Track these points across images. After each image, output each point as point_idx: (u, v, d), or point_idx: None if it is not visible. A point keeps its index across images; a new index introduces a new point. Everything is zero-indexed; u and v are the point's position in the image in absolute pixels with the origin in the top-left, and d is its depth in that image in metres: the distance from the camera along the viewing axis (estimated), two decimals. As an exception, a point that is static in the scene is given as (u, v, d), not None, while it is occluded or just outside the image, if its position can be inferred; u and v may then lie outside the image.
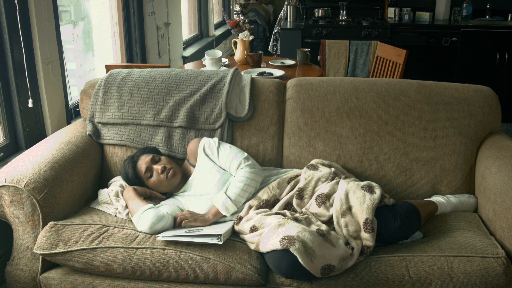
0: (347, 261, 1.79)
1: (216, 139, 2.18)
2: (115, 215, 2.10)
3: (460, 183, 2.27)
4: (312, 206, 2.00)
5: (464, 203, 2.18)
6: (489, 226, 2.02)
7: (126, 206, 2.09)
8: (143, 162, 2.14)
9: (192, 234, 1.86)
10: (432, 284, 1.77)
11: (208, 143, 2.17)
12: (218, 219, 2.02)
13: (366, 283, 1.78)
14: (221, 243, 1.81)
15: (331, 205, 1.96)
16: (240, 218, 1.99)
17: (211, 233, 1.85)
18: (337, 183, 2.02)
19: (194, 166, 2.20)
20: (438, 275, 1.77)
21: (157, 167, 2.12)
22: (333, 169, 2.14)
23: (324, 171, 2.11)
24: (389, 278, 1.78)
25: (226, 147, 2.16)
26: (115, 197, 2.16)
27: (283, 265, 1.73)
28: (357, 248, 1.82)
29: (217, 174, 2.11)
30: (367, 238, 1.84)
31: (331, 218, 1.95)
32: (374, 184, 2.00)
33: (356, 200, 1.91)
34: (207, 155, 2.15)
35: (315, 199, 2.00)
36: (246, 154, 2.13)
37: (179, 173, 2.17)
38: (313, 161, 2.22)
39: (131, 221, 2.03)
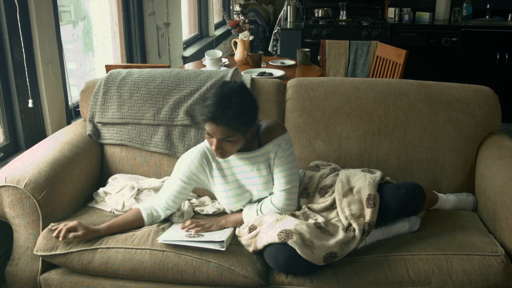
0: (350, 244, 1.81)
1: (292, 146, 1.98)
2: (113, 212, 2.10)
3: (460, 183, 2.27)
4: (315, 198, 2.02)
5: (462, 201, 2.19)
6: (489, 226, 2.02)
7: (117, 202, 2.11)
8: (217, 130, 1.78)
9: (194, 239, 1.85)
10: (432, 283, 1.77)
11: (285, 144, 1.94)
12: None
13: (365, 283, 1.78)
14: (223, 249, 1.81)
15: (334, 191, 1.98)
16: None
17: (213, 239, 1.84)
18: (337, 174, 2.06)
19: (260, 146, 1.96)
20: (437, 274, 1.77)
21: (215, 144, 1.82)
22: (333, 165, 2.18)
23: (324, 170, 2.14)
24: (388, 277, 1.78)
25: (291, 164, 1.95)
26: (106, 194, 2.19)
27: (280, 258, 1.74)
28: (359, 229, 1.82)
29: (270, 176, 1.97)
30: (368, 213, 1.85)
31: (333, 203, 1.96)
32: (374, 169, 2.05)
33: (358, 180, 1.94)
34: (276, 154, 1.94)
35: (318, 191, 2.02)
36: (295, 184, 1.96)
37: (226, 157, 1.92)
38: (313, 163, 2.24)
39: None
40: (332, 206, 1.97)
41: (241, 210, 2.03)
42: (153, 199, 2.03)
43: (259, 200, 2.02)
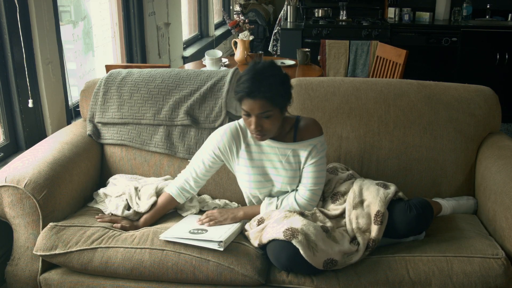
0: (352, 256, 1.80)
1: (325, 149, 1.99)
2: (111, 215, 2.09)
3: (460, 184, 2.27)
4: (328, 203, 2.02)
5: (463, 206, 2.18)
6: (489, 227, 2.02)
7: (117, 206, 2.10)
8: (255, 105, 1.79)
9: (194, 237, 1.85)
10: (432, 285, 1.77)
11: (321, 145, 1.95)
12: None
13: (366, 283, 1.78)
14: (221, 249, 1.81)
15: (345, 200, 1.97)
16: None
17: (213, 238, 1.84)
18: (353, 182, 2.04)
19: (295, 141, 1.96)
20: (438, 275, 1.77)
21: (254, 122, 1.83)
22: (351, 171, 2.16)
23: (341, 174, 2.12)
24: (388, 278, 1.78)
25: (322, 166, 1.97)
26: (106, 196, 2.19)
27: (282, 256, 1.75)
28: (363, 243, 1.82)
29: (298, 172, 1.98)
30: (374, 230, 1.84)
31: (343, 212, 1.95)
32: (389, 183, 2.00)
33: (370, 194, 1.92)
34: (310, 154, 1.94)
35: (331, 197, 2.02)
36: (321, 187, 1.98)
37: (265, 139, 1.93)
38: (331, 165, 2.21)
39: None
40: (342, 215, 1.96)
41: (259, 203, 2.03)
42: (182, 176, 2.06)
43: (278, 194, 2.01)
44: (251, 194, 2.05)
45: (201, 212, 2.17)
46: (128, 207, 2.10)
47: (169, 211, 2.14)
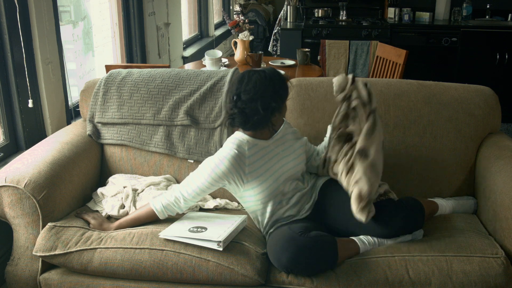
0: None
1: None
2: (107, 217, 2.09)
3: (460, 183, 2.27)
4: (334, 147, 2.04)
5: (463, 205, 2.18)
6: (489, 227, 2.02)
7: (113, 207, 2.10)
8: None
9: (193, 236, 1.85)
10: (432, 284, 1.77)
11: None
12: (226, 215, 2.03)
13: (366, 283, 1.78)
14: (221, 249, 1.81)
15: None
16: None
17: (212, 237, 1.84)
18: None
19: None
20: (437, 275, 1.77)
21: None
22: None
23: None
24: (388, 278, 1.78)
25: None
26: (104, 196, 2.19)
27: (283, 258, 1.75)
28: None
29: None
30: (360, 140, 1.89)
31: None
32: (381, 182, 1.96)
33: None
34: (294, 132, 2.14)
35: (336, 138, 2.04)
36: None
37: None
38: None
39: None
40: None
41: None
42: (172, 194, 1.95)
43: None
44: (263, 204, 1.99)
45: (201, 210, 2.18)
46: (123, 205, 2.11)
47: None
